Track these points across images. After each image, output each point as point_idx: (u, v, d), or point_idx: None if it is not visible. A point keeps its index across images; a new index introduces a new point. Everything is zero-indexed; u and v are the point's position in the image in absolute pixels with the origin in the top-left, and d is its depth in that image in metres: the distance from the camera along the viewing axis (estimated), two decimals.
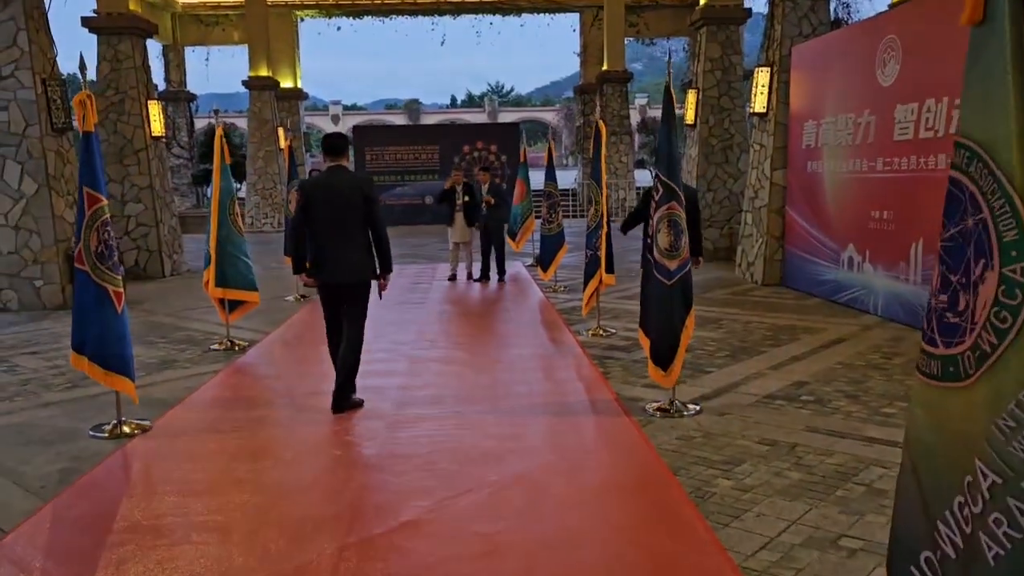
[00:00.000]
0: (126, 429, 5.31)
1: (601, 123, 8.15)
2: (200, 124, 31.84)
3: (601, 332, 8.22)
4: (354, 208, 5.46)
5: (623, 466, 4.60)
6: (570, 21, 29.26)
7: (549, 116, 67.63)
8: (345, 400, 5.63)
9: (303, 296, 11.21)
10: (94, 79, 13.84)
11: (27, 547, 3.63)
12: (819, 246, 10.12)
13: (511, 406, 5.72)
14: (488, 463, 4.59)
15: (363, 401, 5.76)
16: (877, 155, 8.77)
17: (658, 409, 5.48)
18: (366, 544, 3.58)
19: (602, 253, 7.82)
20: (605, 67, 24.74)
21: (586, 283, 8.08)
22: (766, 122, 11.61)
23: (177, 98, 27.49)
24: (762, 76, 11.51)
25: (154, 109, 14.29)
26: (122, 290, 5.18)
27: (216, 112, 8.57)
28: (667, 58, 5.47)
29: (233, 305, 8.12)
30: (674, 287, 5.35)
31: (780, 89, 11.24)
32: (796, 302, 9.90)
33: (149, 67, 14.63)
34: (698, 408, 5.52)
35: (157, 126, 14.30)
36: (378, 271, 5.63)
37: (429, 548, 3.56)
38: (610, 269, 7.97)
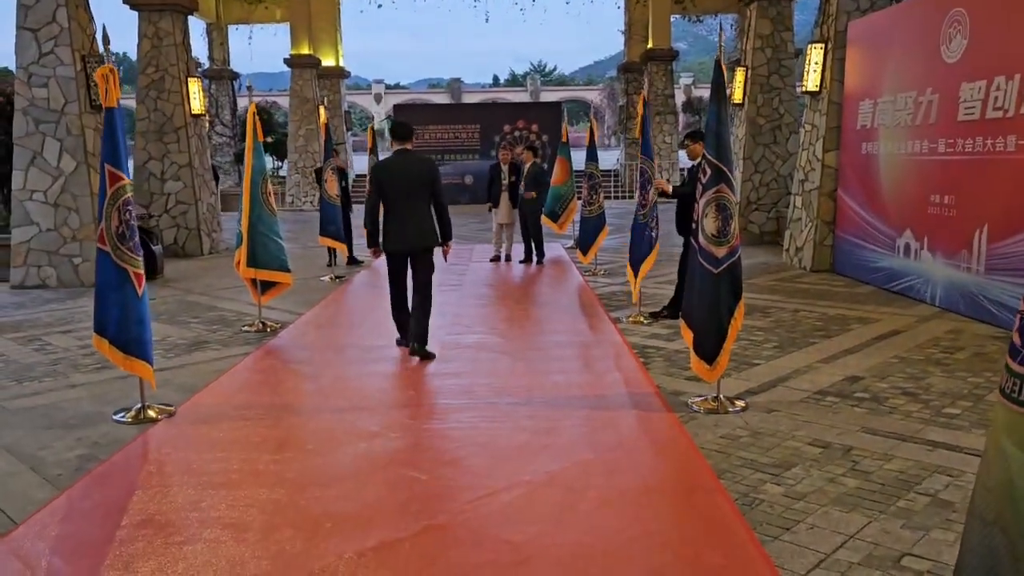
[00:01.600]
0: (151, 413, 5.17)
1: (642, 98, 7.79)
2: (243, 103, 31.96)
3: (642, 319, 7.90)
4: (423, 186, 6.34)
5: (664, 467, 4.31)
6: None
7: (592, 95, 66.81)
8: (423, 351, 6.41)
9: (339, 277, 11.06)
10: (109, 54, 13.84)
11: (35, 541, 3.48)
12: (872, 231, 9.65)
13: (546, 398, 5.45)
14: (521, 460, 4.34)
15: (434, 355, 6.47)
16: (939, 136, 8.27)
17: (702, 405, 5.17)
18: (387, 549, 3.35)
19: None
20: (650, 45, 24.20)
21: (637, 267, 7.71)
22: (818, 101, 11.11)
23: (220, 76, 27.57)
24: (815, 53, 11.00)
25: (194, 86, 14.21)
26: (142, 272, 5.01)
27: (250, 88, 8.37)
28: (718, 32, 5.11)
29: (266, 286, 7.97)
30: (721, 276, 5.02)
31: (834, 66, 10.73)
32: (847, 290, 9.45)
33: (190, 44, 14.53)
34: (744, 404, 5.20)
35: (197, 104, 14.22)
36: (440, 240, 6.48)
37: (455, 555, 3.32)
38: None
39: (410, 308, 6.53)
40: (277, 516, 3.67)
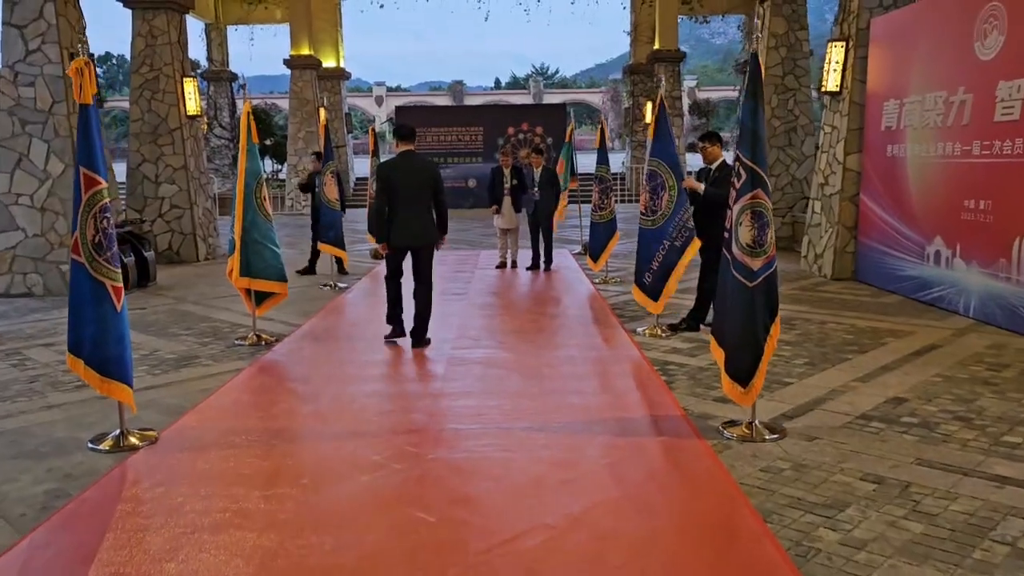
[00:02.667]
0: (132, 440, 4.71)
1: (662, 96, 7.33)
2: (242, 104, 31.54)
3: (659, 332, 7.44)
4: (425, 185, 6.84)
5: (702, 507, 3.84)
6: None
7: (595, 98, 66.39)
8: (423, 339, 7.02)
9: (339, 285, 10.60)
10: (86, 46, 13.43)
11: None
12: (899, 238, 9.19)
13: (563, 422, 4.99)
14: (540, 498, 3.87)
15: (431, 340, 7.08)
16: (973, 138, 7.81)
17: (735, 431, 4.71)
18: None
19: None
20: (657, 46, 23.74)
21: (666, 274, 7.13)
22: (839, 102, 10.65)
23: (219, 78, 27.12)
24: (836, 51, 10.54)
25: (189, 87, 13.77)
26: (121, 285, 4.55)
27: (243, 87, 7.93)
28: (754, 24, 4.65)
29: (261, 297, 7.52)
30: (757, 289, 4.56)
31: (856, 65, 10.27)
32: (873, 300, 8.99)
33: (186, 43, 14.09)
34: (782, 430, 4.74)
35: (192, 105, 13.78)
36: (437, 234, 7.02)
37: None
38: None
39: (413, 297, 7.07)
40: (264, 570, 3.21)
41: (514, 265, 11.95)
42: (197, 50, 26.68)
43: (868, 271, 10.00)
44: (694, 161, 25.36)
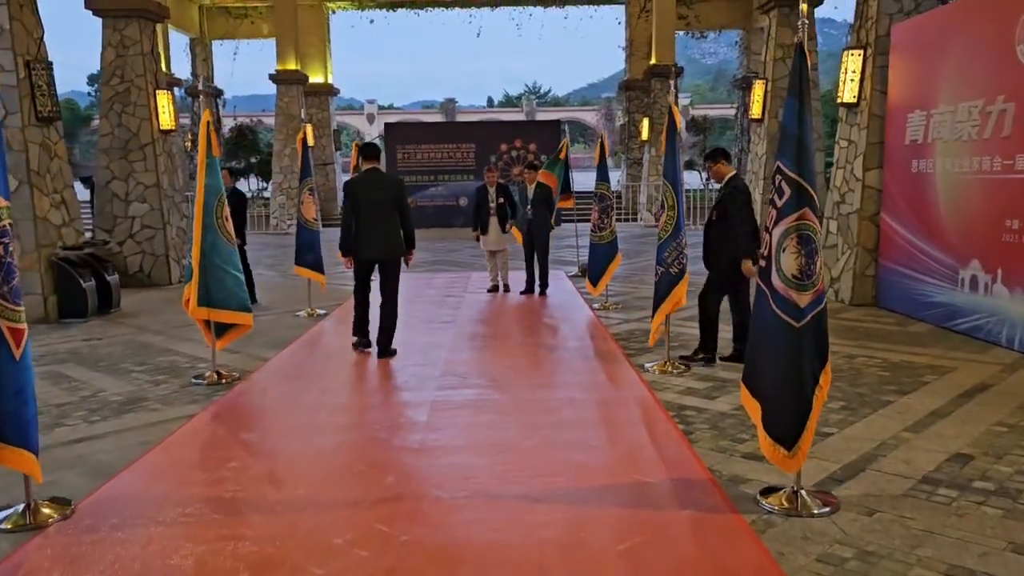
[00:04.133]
0: (45, 511, 3.86)
1: (675, 107, 6.56)
2: (229, 122, 30.70)
3: (671, 368, 6.62)
4: (390, 201, 7.10)
5: None
6: (615, 14, 27.63)
7: (588, 116, 65.94)
8: (388, 351, 7.25)
9: (319, 312, 9.74)
10: (48, 60, 12.51)
11: None
12: (927, 261, 8.41)
13: (566, 489, 4.15)
14: None
15: (396, 351, 7.30)
16: (1016, 151, 7.05)
17: (777, 502, 3.87)
18: None
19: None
20: (654, 60, 23.09)
21: (656, 306, 6.50)
22: (856, 114, 9.91)
23: (204, 93, 26.30)
24: (852, 60, 9.81)
25: (163, 100, 12.95)
26: (23, 327, 3.69)
27: (203, 93, 7.14)
28: (801, 16, 3.87)
29: (222, 328, 6.68)
30: (804, 331, 3.75)
31: (876, 75, 9.53)
32: (900, 329, 8.19)
33: (159, 54, 13.29)
34: (833, 500, 3.90)
35: (166, 119, 12.96)
36: (404, 248, 7.23)
37: None
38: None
39: (380, 310, 7.30)
40: None
41: (506, 289, 11.14)
42: (181, 65, 25.93)
43: (891, 296, 9.21)
44: (691, 180, 24.67)
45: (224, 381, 6.53)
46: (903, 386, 5.99)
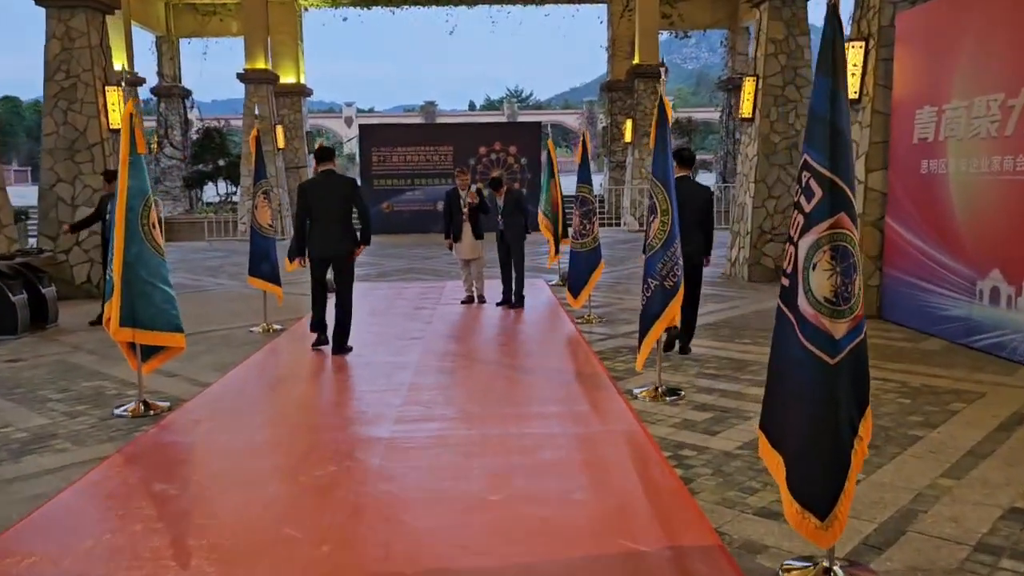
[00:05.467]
0: None
1: (666, 100, 5.78)
2: (198, 123, 29.65)
3: (663, 396, 5.82)
4: (342, 201, 7.28)
5: None
6: (597, 13, 26.96)
7: (570, 120, 65.31)
8: (343, 347, 7.42)
9: (275, 327, 8.88)
10: None
11: None
12: (939, 270, 7.68)
13: (544, 561, 3.34)
14: None
15: (352, 348, 7.50)
16: None
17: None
18: None
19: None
20: (637, 60, 22.37)
21: (646, 328, 5.70)
22: (857, 111, 9.18)
23: (171, 94, 25.36)
24: (853, 53, 9.08)
25: (113, 97, 12.05)
26: None
27: (122, 83, 6.26)
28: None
29: (150, 351, 5.83)
30: (840, 369, 2.97)
31: (879, 68, 8.82)
32: (912, 345, 7.46)
33: (108, 47, 12.36)
34: None
35: (116, 116, 12.05)
36: (358, 241, 7.45)
37: None
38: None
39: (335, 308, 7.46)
40: None
41: (481, 300, 10.33)
42: (147, 64, 24.96)
43: (897, 309, 8.48)
44: None
45: (152, 412, 5.68)
46: (929, 416, 5.24)
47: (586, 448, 4.82)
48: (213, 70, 27.77)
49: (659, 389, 5.87)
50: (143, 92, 25.16)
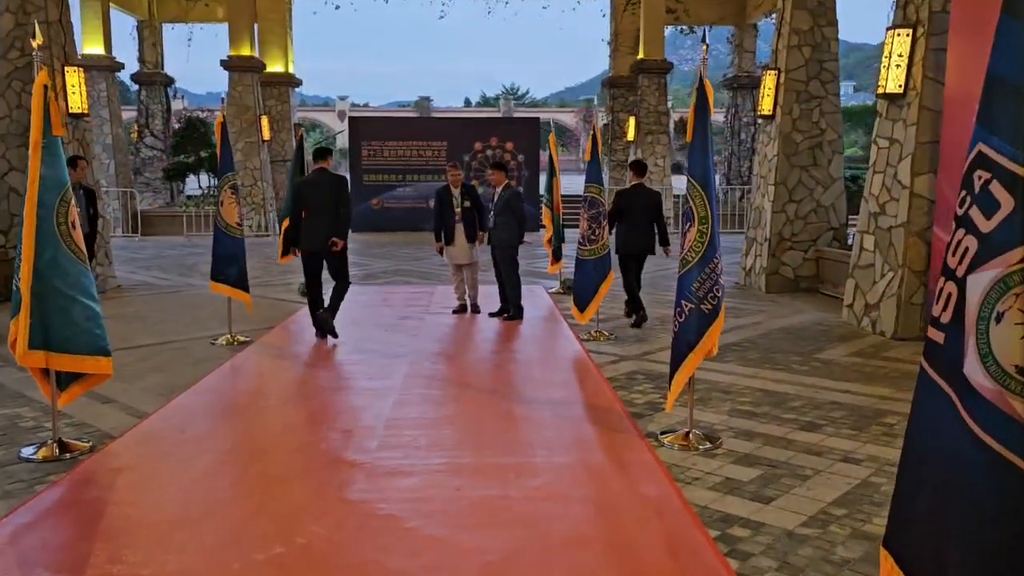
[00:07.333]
0: None
1: (707, 82, 4.73)
2: (185, 113, 28.46)
3: (694, 443, 4.78)
4: (332, 198, 7.64)
5: None
6: (598, 6, 25.91)
7: (567, 118, 64.31)
8: (328, 326, 7.66)
9: (241, 339, 7.80)
10: None
11: None
12: None
13: None
14: None
15: (337, 335, 7.70)
16: None
17: None
18: None
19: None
20: (641, 55, 21.36)
21: (679, 360, 4.65)
22: (902, 107, 8.17)
23: (152, 81, 24.22)
24: (899, 42, 8.08)
25: (73, 78, 10.98)
26: None
27: (36, 51, 5.19)
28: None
29: (68, 378, 4.76)
30: None
31: (928, 59, 7.81)
32: None
33: (70, 24, 11.28)
34: None
35: (76, 100, 10.98)
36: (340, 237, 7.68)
37: None
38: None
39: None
40: None
41: (475, 309, 9.28)
42: (128, 50, 23.79)
43: None
44: (680, 184, 23.03)
45: (69, 454, 4.61)
46: None
47: (608, 522, 3.76)
48: (207, 60, 26.61)
49: (690, 435, 4.83)
50: (123, 76, 24.05)
